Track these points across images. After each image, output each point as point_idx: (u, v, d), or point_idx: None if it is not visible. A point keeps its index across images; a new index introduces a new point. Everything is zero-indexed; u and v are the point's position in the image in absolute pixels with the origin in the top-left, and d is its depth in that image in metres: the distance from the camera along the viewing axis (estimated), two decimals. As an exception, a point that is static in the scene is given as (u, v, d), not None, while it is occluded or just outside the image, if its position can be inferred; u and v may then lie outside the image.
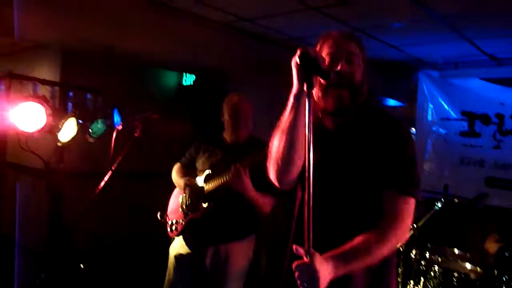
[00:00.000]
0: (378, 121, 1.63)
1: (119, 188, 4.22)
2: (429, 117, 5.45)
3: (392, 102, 6.64)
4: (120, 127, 2.37)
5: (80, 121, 2.76)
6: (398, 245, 1.53)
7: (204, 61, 4.44)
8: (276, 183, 1.65)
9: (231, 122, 2.80)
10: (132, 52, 4.08)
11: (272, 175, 1.64)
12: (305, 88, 1.37)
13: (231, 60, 4.52)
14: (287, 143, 1.53)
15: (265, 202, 2.65)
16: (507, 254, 3.05)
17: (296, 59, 1.40)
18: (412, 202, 1.55)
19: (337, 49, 1.59)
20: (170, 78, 5.66)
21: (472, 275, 3.40)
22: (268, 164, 1.64)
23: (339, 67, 1.56)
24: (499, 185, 4.91)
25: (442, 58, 5.05)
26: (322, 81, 1.55)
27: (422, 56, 5.10)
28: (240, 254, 2.75)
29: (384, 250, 1.47)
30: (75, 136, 2.85)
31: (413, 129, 5.67)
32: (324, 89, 1.58)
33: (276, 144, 1.58)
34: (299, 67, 1.41)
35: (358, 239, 1.46)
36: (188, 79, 5.57)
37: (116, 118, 2.76)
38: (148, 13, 3.72)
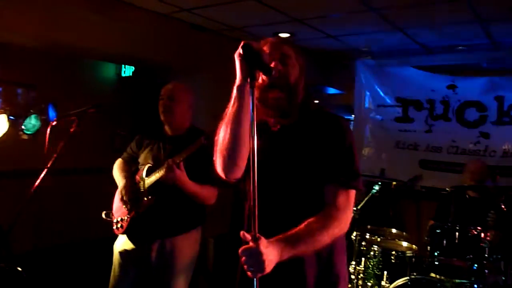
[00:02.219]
0: (318, 120, 1.68)
1: (57, 186, 4.09)
2: (367, 104, 5.67)
3: (332, 90, 6.82)
4: (54, 123, 2.28)
5: (12, 117, 2.63)
6: (340, 234, 1.59)
7: (144, 53, 4.35)
8: (223, 175, 1.66)
9: (163, 110, 2.73)
10: (67, 44, 3.92)
11: (219, 166, 1.66)
12: (248, 80, 1.39)
13: (172, 51, 4.46)
14: (232, 135, 1.55)
15: (207, 194, 2.65)
16: (438, 231, 3.25)
17: (239, 51, 1.42)
18: (352, 194, 1.61)
19: (271, 50, 1.62)
20: (108, 70, 5.51)
21: (408, 253, 3.60)
22: (214, 156, 1.66)
23: (273, 64, 1.58)
24: (431, 167, 5.21)
25: (377, 47, 5.25)
26: (260, 81, 1.58)
27: (359, 45, 5.27)
28: (187, 247, 2.73)
29: (326, 238, 1.52)
30: (6, 133, 2.71)
31: (352, 116, 5.89)
32: (261, 91, 1.61)
33: (222, 136, 1.59)
34: (242, 59, 1.43)
35: (301, 225, 1.51)
36: (127, 71, 5.45)
37: (51, 113, 2.66)
38: (84, 4, 3.59)
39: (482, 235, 3.14)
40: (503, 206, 3.24)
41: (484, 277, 3.16)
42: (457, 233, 3.19)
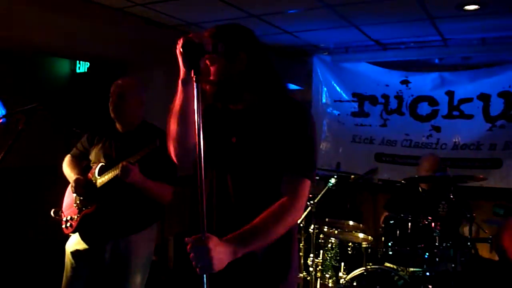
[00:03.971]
0: (280, 106, 1.67)
1: (4, 186, 3.95)
2: (324, 99, 5.77)
3: (291, 86, 6.88)
4: (1, 120, 2.20)
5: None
6: (293, 224, 1.61)
7: (99, 48, 4.25)
8: (177, 163, 1.68)
9: (113, 108, 2.67)
10: (18, 40, 3.78)
11: (173, 157, 1.67)
12: (192, 74, 1.40)
13: (127, 47, 4.38)
14: (180, 127, 1.57)
15: (163, 191, 2.62)
16: (392, 222, 3.36)
17: (179, 48, 1.42)
18: (307, 184, 1.62)
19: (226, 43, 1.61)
20: (61, 66, 5.36)
21: (364, 244, 3.70)
22: (168, 147, 1.66)
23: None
24: (386, 160, 5.36)
25: (333, 43, 5.34)
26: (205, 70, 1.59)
27: (316, 41, 5.35)
28: (142, 246, 2.69)
29: (281, 229, 1.54)
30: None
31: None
32: (207, 81, 1.62)
33: (172, 127, 1.61)
34: (183, 55, 1.43)
35: (256, 220, 1.51)
36: (82, 67, 5.31)
37: (0, 110, 2.56)
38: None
39: (433, 225, 3.26)
40: (452, 196, 3.38)
41: (435, 265, 3.29)
42: (409, 224, 3.30)
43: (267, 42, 5.06)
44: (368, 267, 3.42)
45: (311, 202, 3.81)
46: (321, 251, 3.92)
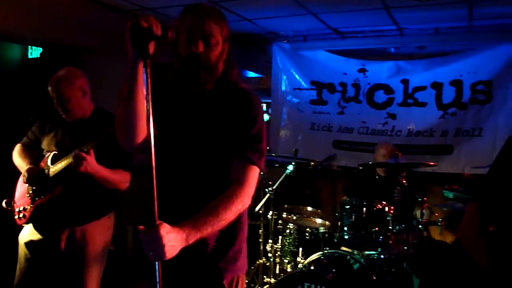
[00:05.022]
0: (230, 93, 1.69)
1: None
2: (283, 87, 5.80)
3: (251, 74, 6.89)
4: None
5: None
6: (242, 210, 1.63)
7: (52, 33, 4.10)
8: (124, 148, 1.65)
9: (58, 108, 2.59)
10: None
11: (121, 143, 1.65)
12: (140, 59, 1.39)
13: (82, 31, 4.24)
14: (130, 112, 1.55)
15: (119, 179, 2.58)
16: (348, 207, 3.44)
17: (127, 31, 1.40)
18: (255, 170, 1.65)
19: (195, 28, 1.59)
20: (12, 51, 5.13)
21: (322, 229, 3.79)
22: (116, 133, 1.64)
23: (193, 49, 1.58)
24: (344, 147, 5.47)
25: (292, 31, 5.36)
26: (177, 57, 1.58)
27: (275, 29, 5.35)
28: (98, 234, 2.66)
29: (231, 215, 1.56)
30: None
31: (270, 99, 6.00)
32: (179, 65, 1.61)
33: (121, 112, 1.58)
34: (131, 39, 1.41)
35: (207, 207, 1.53)
36: (35, 52, 5.11)
37: None
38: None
39: (386, 209, 3.37)
40: (404, 181, 3.50)
41: (389, 248, 3.41)
42: (364, 208, 3.39)
43: (226, 29, 5.03)
44: (325, 251, 3.50)
45: (270, 189, 3.86)
46: (280, 237, 3.98)
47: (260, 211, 4.02)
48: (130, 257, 4.60)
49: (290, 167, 3.82)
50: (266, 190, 3.87)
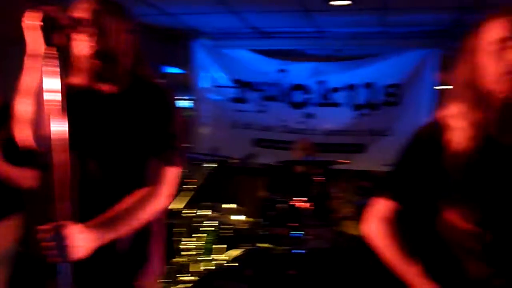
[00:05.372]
0: (141, 89, 1.62)
1: None
2: (204, 85, 5.76)
3: (171, 70, 6.77)
4: None
5: None
6: (158, 211, 1.58)
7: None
8: (32, 147, 1.53)
9: None
10: None
11: (18, 140, 1.52)
12: (43, 50, 1.29)
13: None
14: (29, 108, 1.43)
15: (23, 176, 2.41)
16: (267, 204, 3.49)
17: (29, 21, 1.29)
18: (173, 169, 1.60)
19: (85, 20, 1.50)
20: None
21: (242, 225, 3.81)
22: (14, 129, 1.51)
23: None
24: (264, 145, 5.56)
25: (215, 28, 5.35)
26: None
27: (197, 25, 5.31)
28: (4, 236, 2.48)
29: (145, 216, 1.51)
30: None
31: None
32: (80, 59, 1.51)
33: (19, 109, 1.46)
34: (41, 28, 1.30)
35: (120, 206, 1.47)
36: None
37: None
38: None
39: (305, 205, 3.46)
40: (321, 178, 3.62)
41: (306, 243, 3.51)
42: (283, 205, 3.46)
43: (146, 23, 4.89)
44: (244, 248, 3.52)
45: (189, 186, 3.80)
46: (199, 235, 3.93)
47: (178, 209, 3.94)
48: (39, 259, 4.31)
49: (211, 165, 3.79)
50: (184, 187, 3.81)
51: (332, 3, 4.13)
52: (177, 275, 3.91)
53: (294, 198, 3.50)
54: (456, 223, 1.37)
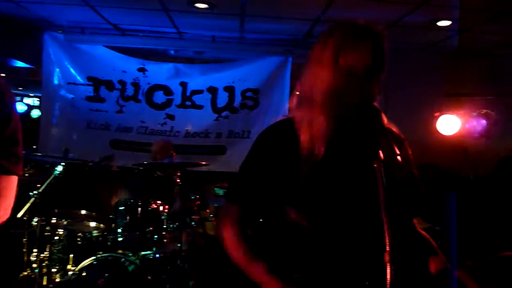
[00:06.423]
0: None
1: None
2: (56, 81, 5.32)
3: (19, 63, 6.16)
4: None
5: None
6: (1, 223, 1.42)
7: None
8: None
9: None
10: None
11: None
12: None
13: None
14: None
15: None
16: (122, 208, 3.36)
17: None
18: (12, 178, 1.45)
19: None
20: None
21: (95, 232, 3.61)
22: None
23: None
24: (122, 146, 5.34)
25: (67, 21, 4.99)
26: None
27: (48, 17, 4.91)
28: None
29: None
30: None
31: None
32: None
33: None
34: None
35: None
36: None
37: None
38: None
39: (161, 208, 3.41)
40: (178, 180, 3.59)
41: (164, 246, 3.46)
42: (139, 208, 3.37)
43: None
44: (99, 255, 3.34)
45: (35, 192, 3.48)
46: (48, 245, 3.63)
47: (24, 218, 3.58)
48: None
49: (59, 168, 3.52)
50: (31, 193, 3.48)
51: (191, 5, 4.15)
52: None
53: (151, 201, 3.42)
54: (297, 221, 1.47)
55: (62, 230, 3.61)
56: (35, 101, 9.35)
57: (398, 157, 1.31)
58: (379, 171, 1.27)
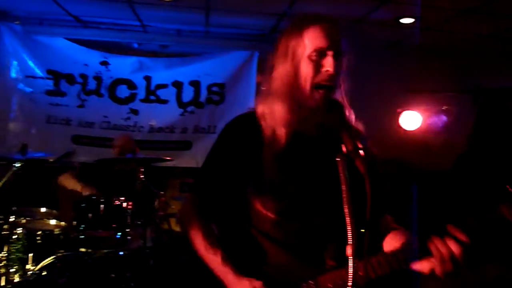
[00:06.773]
0: None
1: None
2: (14, 74, 5.09)
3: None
4: None
5: None
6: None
7: None
8: None
9: None
10: None
11: None
12: None
13: None
14: None
15: None
16: (83, 205, 3.28)
17: None
18: None
19: None
20: None
21: (56, 230, 3.51)
22: None
23: None
24: (84, 142, 5.18)
25: (25, 12, 4.79)
26: None
27: (4, 7, 4.71)
28: None
29: None
30: None
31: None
32: None
33: None
34: None
35: None
36: None
37: None
38: None
39: (125, 204, 3.34)
40: (142, 176, 3.53)
41: (128, 244, 3.39)
42: (101, 205, 3.29)
43: None
44: (59, 254, 3.25)
45: (-10, 189, 3.35)
46: (6, 245, 3.50)
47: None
48: None
49: (17, 165, 3.39)
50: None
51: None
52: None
53: (114, 198, 3.34)
54: (262, 212, 1.47)
55: (21, 229, 3.49)
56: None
57: (361, 151, 1.33)
58: (342, 165, 1.28)
